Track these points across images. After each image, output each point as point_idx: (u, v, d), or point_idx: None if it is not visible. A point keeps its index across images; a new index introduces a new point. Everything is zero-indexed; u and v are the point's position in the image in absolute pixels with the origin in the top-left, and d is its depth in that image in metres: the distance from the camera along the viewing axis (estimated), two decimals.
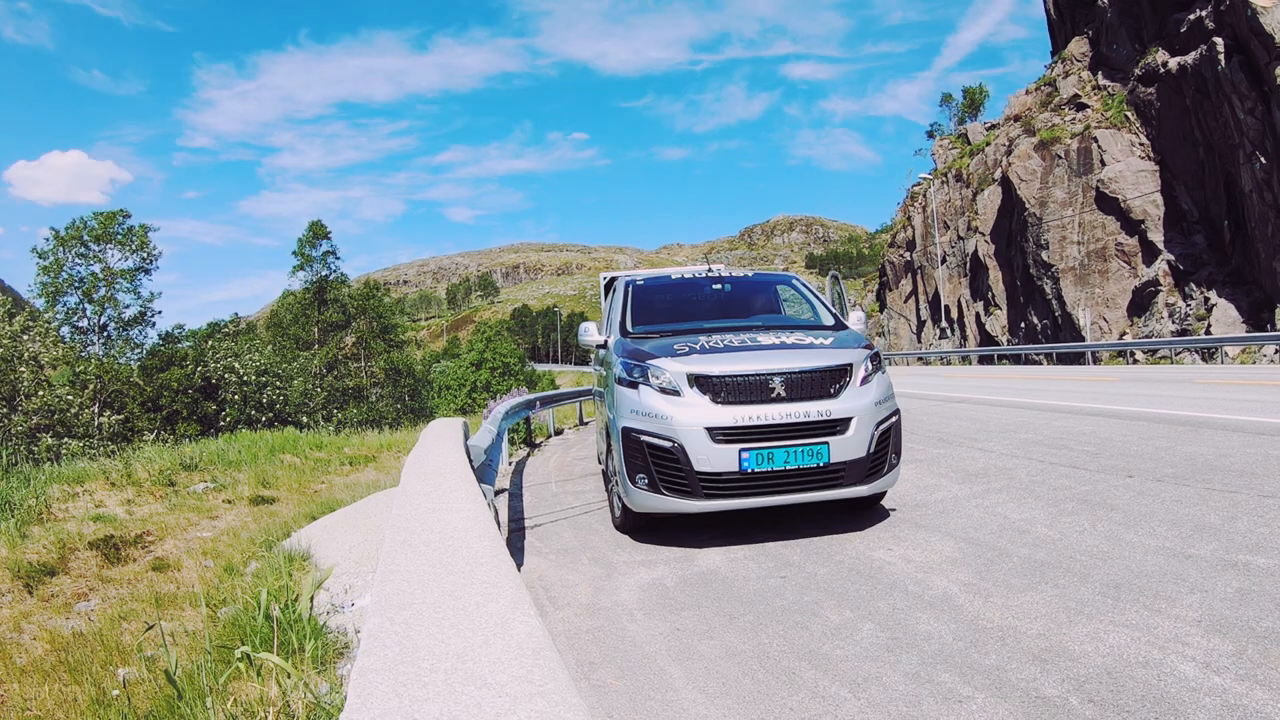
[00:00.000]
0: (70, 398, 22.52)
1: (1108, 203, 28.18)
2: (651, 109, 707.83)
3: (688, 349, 4.45)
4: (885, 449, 4.33)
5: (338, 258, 34.94)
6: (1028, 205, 30.69)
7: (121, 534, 6.98)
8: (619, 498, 4.76)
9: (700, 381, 4.21)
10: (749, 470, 4.04)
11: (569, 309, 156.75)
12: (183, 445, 12.65)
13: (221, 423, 24.77)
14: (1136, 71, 28.30)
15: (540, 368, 62.23)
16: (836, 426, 4.15)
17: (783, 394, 4.17)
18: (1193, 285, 25.15)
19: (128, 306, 26.56)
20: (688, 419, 4.09)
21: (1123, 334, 27.36)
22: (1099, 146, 28.79)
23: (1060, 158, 30.10)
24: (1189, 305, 24.91)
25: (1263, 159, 21.66)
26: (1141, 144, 27.98)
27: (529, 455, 10.43)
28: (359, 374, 33.75)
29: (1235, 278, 23.95)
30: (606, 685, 2.66)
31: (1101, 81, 31.47)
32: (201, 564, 6.15)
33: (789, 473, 4.08)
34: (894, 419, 4.45)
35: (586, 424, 14.55)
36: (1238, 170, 22.92)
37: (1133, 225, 27.51)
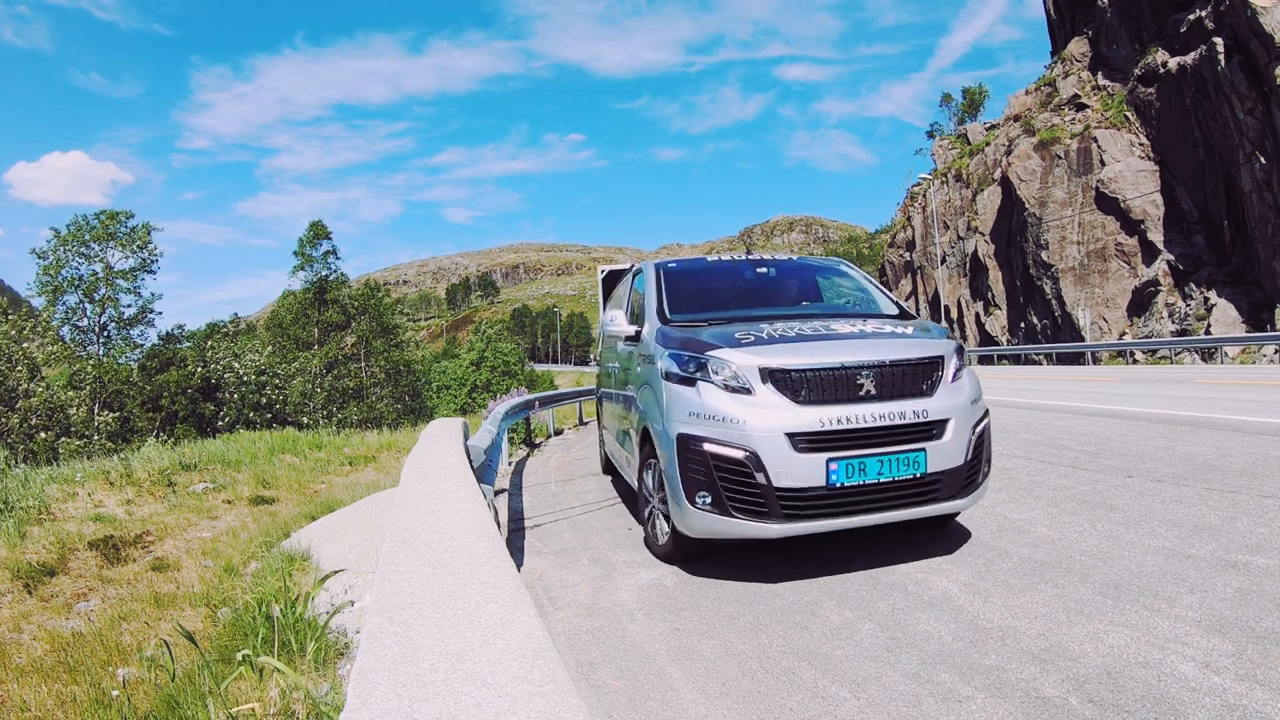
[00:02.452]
0: (70, 394, 22.55)
1: (1107, 203, 28.18)
2: (647, 110, 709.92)
3: (752, 338, 3.78)
4: (980, 455, 3.78)
5: (338, 258, 34.94)
6: (1027, 205, 30.70)
7: (121, 534, 6.98)
8: (661, 519, 4.03)
9: (776, 377, 3.54)
10: (837, 485, 3.40)
11: (569, 309, 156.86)
12: (182, 445, 12.65)
13: (220, 423, 24.77)
14: (1136, 71, 28.30)
15: (540, 368, 62.29)
16: (933, 429, 3.57)
17: (872, 391, 3.55)
18: (1192, 285, 25.15)
19: (128, 306, 26.60)
20: (764, 423, 3.43)
21: (1123, 334, 27.36)
22: (1099, 146, 28.80)
23: (1060, 158, 30.10)
24: (1189, 305, 24.91)
25: (1263, 159, 21.66)
26: (1141, 144, 27.98)
27: (529, 455, 10.43)
28: (359, 374, 33.73)
29: (1235, 278, 23.95)
30: (606, 685, 2.66)
31: (1101, 81, 31.48)
32: (201, 564, 6.14)
33: (882, 486, 3.46)
34: (987, 420, 3.90)
35: (586, 424, 14.55)
36: (1238, 170, 22.93)
37: (1132, 225, 27.52)
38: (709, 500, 3.52)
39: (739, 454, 3.44)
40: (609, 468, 7.22)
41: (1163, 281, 26.20)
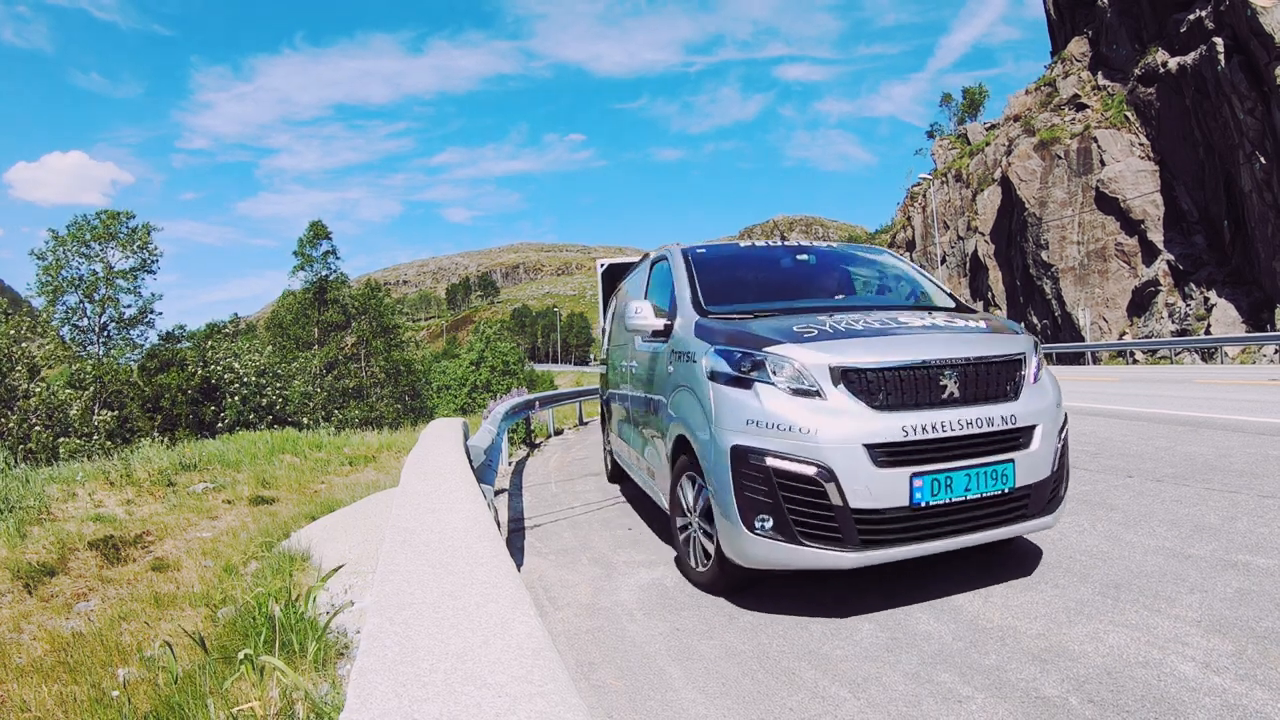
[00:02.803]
0: (69, 391, 22.58)
1: (1107, 203, 28.19)
2: (647, 110, 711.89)
3: (815, 331, 3.27)
4: (1064, 466, 3.36)
5: (338, 258, 35.01)
6: (1027, 205, 30.71)
7: (121, 534, 6.98)
8: (702, 539, 3.56)
9: (850, 377, 3.05)
10: (922, 504, 2.95)
11: (569, 309, 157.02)
12: (182, 445, 12.66)
13: (219, 424, 24.78)
14: (1136, 71, 28.31)
15: (540, 368, 62.39)
16: (1020, 437, 3.14)
17: (956, 393, 3.10)
18: (1192, 285, 25.16)
19: (128, 306, 26.64)
20: (839, 432, 2.94)
21: (1123, 334, 27.37)
22: (1099, 146, 28.81)
23: (1060, 158, 30.11)
24: (1189, 305, 24.92)
25: (1263, 159, 21.67)
26: (1141, 144, 27.99)
27: (529, 455, 10.43)
28: (359, 374, 33.75)
29: (1235, 278, 23.96)
30: (606, 685, 2.66)
31: (1101, 81, 31.49)
32: (201, 564, 6.14)
33: (969, 504, 3.03)
34: (1068, 427, 3.50)
35: (587, 424, 14.55)
36: (1238, 170, 22.93)
37: (1132, 225, 27.53)
38: (770, 524, 3.03)
39: (809, 470, 2.94)
40: (617, 475, 6.78)
41: (1163, 281, 26.21)
